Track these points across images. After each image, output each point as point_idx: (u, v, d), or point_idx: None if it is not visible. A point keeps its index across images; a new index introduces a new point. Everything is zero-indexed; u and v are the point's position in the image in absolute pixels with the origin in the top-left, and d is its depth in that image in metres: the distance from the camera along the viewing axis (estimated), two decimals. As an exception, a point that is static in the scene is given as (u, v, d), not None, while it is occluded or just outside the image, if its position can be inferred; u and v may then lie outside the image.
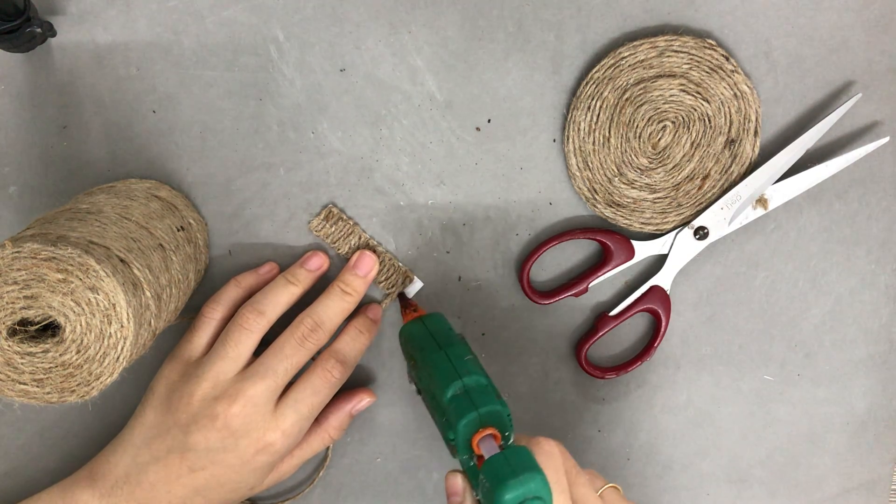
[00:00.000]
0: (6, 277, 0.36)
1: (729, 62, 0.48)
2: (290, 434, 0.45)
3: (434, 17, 0.49)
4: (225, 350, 0.45)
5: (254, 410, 0.44)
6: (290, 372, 0.45)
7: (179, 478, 0.44)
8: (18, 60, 0.48)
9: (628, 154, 0.49)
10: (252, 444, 0.44)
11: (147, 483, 0.44)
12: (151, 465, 0.44)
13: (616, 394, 0.52)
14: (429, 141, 0.50)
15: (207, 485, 0.45)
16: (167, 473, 0.44)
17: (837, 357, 0.53)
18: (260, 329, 0.46)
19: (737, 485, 0.53)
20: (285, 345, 0.45)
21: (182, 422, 0.44)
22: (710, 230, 0.50)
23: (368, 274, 0.49)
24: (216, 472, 0.44)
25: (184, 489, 0.45)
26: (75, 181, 0.49)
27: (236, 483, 0.45)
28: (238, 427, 0.44)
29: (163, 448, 0.44)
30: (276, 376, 0.44)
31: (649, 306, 0.50)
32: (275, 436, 0.44)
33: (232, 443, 0.44)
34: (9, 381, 0.37)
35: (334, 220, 0.50)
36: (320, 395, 0.46)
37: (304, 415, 0.45)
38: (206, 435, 0.43)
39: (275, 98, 0.49)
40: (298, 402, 0.45)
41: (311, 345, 0.46)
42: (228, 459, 0.44)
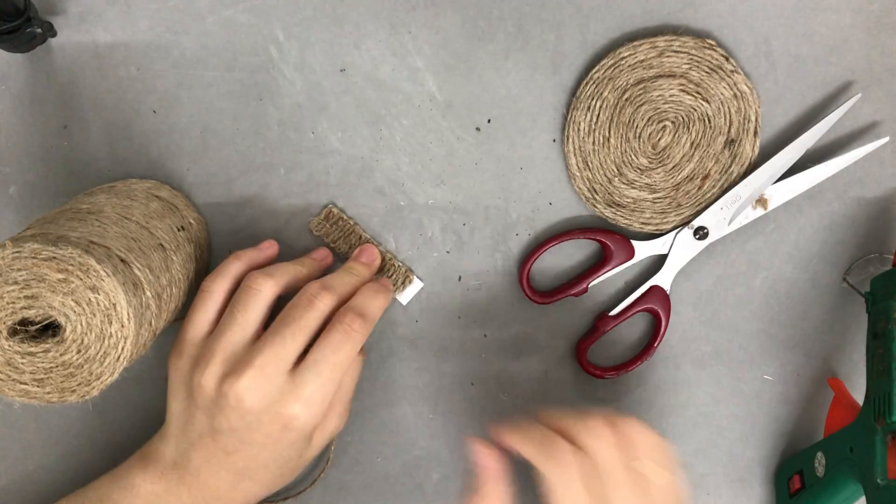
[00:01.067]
0: (7, 277, 0.36)
1: (729, 62, 0.48)
2: (312, 402, 0.42)
3: (434, 17, 0.49)
4: (233, 317, 0.43)
5: (266, 382, 0.41)
6: (298, 336, 0.42)
7: (220, 462, 0.43)
8: (18, 60, 0.48)
9: (628, 154, 0.49)
10: (275, 420, 0.41)
11: (193, 468, 0.44)
12: (191, 451, 0.43)
13: (616, 394, 0.52)
14: (429, 141, 0.50)
15: (248, 467, 0.43)
16: (207, 457, 0.43)
17: (838, 357, 0.53)
18: (269, 291, 0.43)
19: (737, 485, 0.53)
20: (292, 308, 0.43)
21: (203, 406, 0.42)
22: (709, 230, 0.50)
23: (372, 263, 0.49)
24: (251, 453, 0.43)
25: (228, 473, 0.43)
26: (75, 181, 0.49)
27: (279, 461, 0.44)
28: (253, 403, 0.41)
29: (195, 434, 0.43)
30: (284, 341, 0.41)
31: (649, 306, 0.50)
32: (296, 408, 0.41)
33: (254, 420, 0.41)
34: (9, 381, 0.37)
35: (334, 219, 0.50)
36: (341, 352, 0.42)
37: (325, 377, 0.42)
38: (227, 416, 0.41)
39: (275, 98, 0.49)
40: (318, 363, 0.42)
41: (320, 304, 0.43)
42: (257, 438, 0.42)
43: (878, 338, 0.46)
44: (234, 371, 0.41)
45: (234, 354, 0.42)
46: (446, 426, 0.52)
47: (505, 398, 0.52)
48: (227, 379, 0.41)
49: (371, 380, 0.52)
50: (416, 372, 0.52)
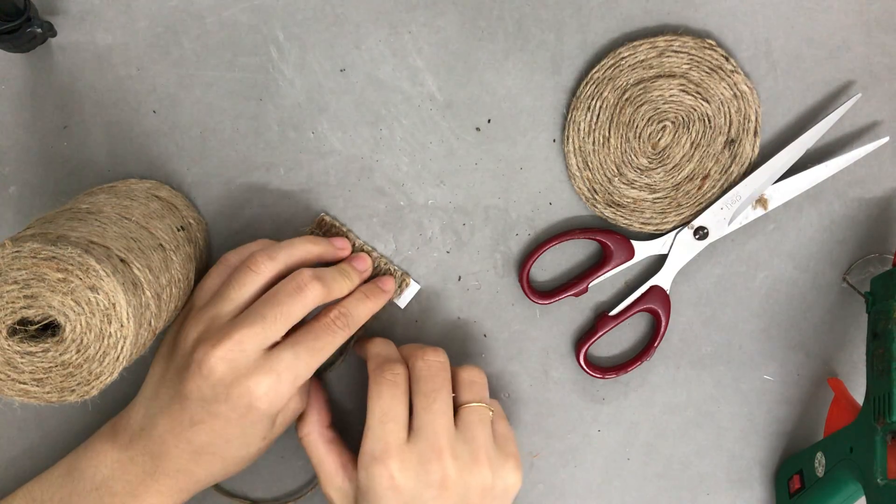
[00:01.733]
0: (6, 277, 0.36)
1: (729, 62, 0.48)
2: (282, 381, 0.42)
3: (434, 17, 0.49)
4: (227, 291, 0.44)
5: (240, 356, 0.41)
6: (279, 320, 0.42)
7: (184, 430, 0.43)
8: (18, 60, 0.48)
9: (628, 154, 0.49)
10: (243, 395, 0.42)
11: (157, 435, 0.43)
12: (159, 416, 0.43)
13: (616, 394, 0.52)
14: (429, 141, 0.50)
15: (211, 441, 0.43)
16: (172, 424, 0.43)
17: (838, 357, 0.53)
18: (267, 273, 0.44)
19: (737, 485, 0.53)
20: (279, 291, 0.43)
21: (179, 367, 0.43)
22: (709, 230, 0.50)
23: (364, 271, 0.49)
24: (216, 426, 0.43)
25: (189, 444, 0.43)
26: (75, 181, 0.49)
27: (242, 439, 0.44)
28: (223, 374, 0.41)
29: (166, 397, 0.44)
30: (265, 321, 0.42)
31: (649, 306, 0.50)
32: (266, 383, 0.42)
33: (222, 391, 0.41)
34: (9, 381, 0.37)
35: (327, 227, 0.50)
36: (321, 341, 0.44)
37: (301, 359, 0.43)
38: (197, 383, 0.42)
39: (275, 98, 0.49)
40: (297, 344, 0.43)
41: (308, 294, 0.43)
42: (223, 411, 0.42)
43: (878, 338, 0.46)
44: (211, 340, 0.42)
45: (216, 324, 0.43)
46: (446, 426, 0.52)
47: (505, 398, 0.52)
48: (202, 346, 0.42)
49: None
50: (415, 372, 0.52)
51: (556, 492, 0.53)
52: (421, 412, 0.43)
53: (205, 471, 0.45)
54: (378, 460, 0.42)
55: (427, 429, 0.43)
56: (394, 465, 0.42)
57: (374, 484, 0.42)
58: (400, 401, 0.44)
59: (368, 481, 0.42)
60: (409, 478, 0.42)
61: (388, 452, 0.42)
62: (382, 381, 0.44)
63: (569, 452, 0.52)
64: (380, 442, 0.43)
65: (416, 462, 0.42)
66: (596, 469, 0.53)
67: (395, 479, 0.42)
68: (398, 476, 0.42)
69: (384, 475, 0.42)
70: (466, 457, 0.43)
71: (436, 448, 0.43)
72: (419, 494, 0.42)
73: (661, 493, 0.53)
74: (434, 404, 0.44)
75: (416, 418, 0.44)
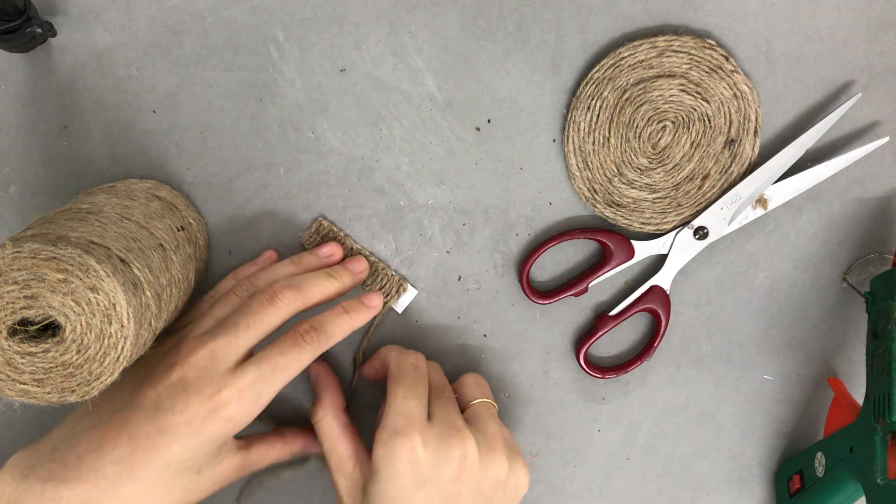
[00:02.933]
0: (6, 277, 0.36)
1: (729, 62, 0.48)
2: (246, 396, 0.41)
3: (434, 17, 0.49)
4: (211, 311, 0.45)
5: (212, 364, 0.41)
6: (252, 329, 0.42)
7: (114, 449, 0.39)
8: (18, 60, 0.48)
9: (628, 154, 0.49)
10: (204, 404, 0.40)
11: (74, 456, 0.39)
12: (86, 434, 0.40)
13: (616, 394, 0.52)
14: (429, 141, 0.50)
15: (145, 462, 0.39)
16: (101, 443, 0.39)
17: (838, 357, 0.53)
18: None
19: (737, 485, 0.53)
20: (253, 301, 0.43)
21: (138, 377, 0.42)
22: (709, 230, 0.50)
23: (358, 274, 0.49)
24: (159, 442, 0.39)
25: (115, 466, 0.39)
26: (75, 181, 0.49)
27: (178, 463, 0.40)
28: (192, 380, 0.40)
29: (107, 411, 0.41)
30: (238, 330, 0.42)
31: (649, 306, 0.50)
32: (229, 394, 0.40)
33: (182, 401, 0.40)
34: (9, 381, 0.37)
35: (325, 232, 0.50)
36: (286, 356, 0.42)
37: (264, 374, 0.41)
38: (157, 389, 0.40)
39: (275, 98, 0.49)
40: (262, 359, 0.42)
41: (281, 304, 0.43)
42: (175, 424, 0.40)
43: (878, 338, 0.46)
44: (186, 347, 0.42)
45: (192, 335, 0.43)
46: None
47: (505, 398, 0.52)
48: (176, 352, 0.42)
49: (371, 380, 0.52)
50: (416, 372, 0.52)
51: (556, 492, 0.53)
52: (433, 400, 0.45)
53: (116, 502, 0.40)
54: (401, 433, 0.41)
55: (445, 413, 0.44)
56: (417, 439, 0.41)
57: (394, 459, 0.41)
58: (423, 384, 0.45)
59: (388, 456, 0.41)
60: (430, 454, 0.41)
61: (412, 425, 0.42)
62: (406, 365, 0.45)
63: (569, 452, 0.53)
64: (403, 416, 0.42)
65: (436, 439, 0.42)
66: (596, 469, 0.53)
67: (417, 452, 0.41)
68: (420, 450, 0.41)
69: (406, 448, 0.41)
70: (484, 445, 0.43)
71: (456, 428, 0.43)
72: (437, 474, 0.41)
73: (661, 493, 0.53)
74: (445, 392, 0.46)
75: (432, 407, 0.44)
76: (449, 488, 0.42)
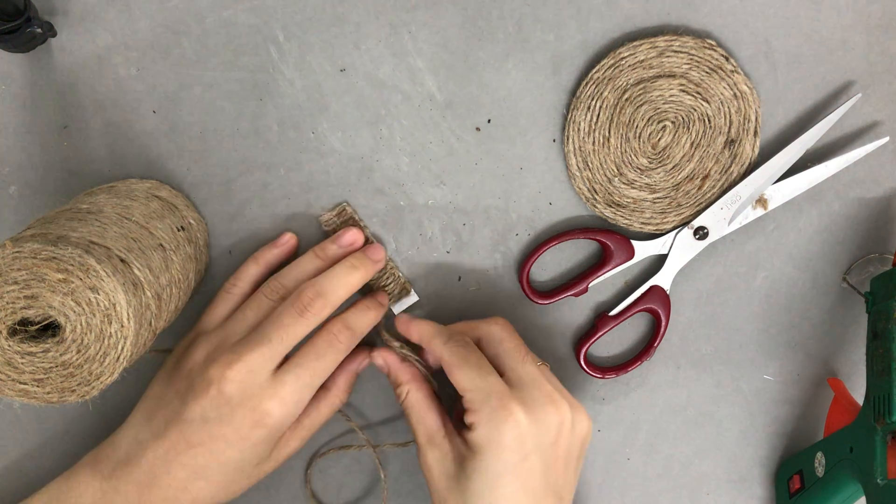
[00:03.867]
0: (7, 277, 0.36)
1: (729, 62, 0.48)
2: (288, 402, 0.43)
3: (434, 17, 0.49)
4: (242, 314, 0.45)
5: (249, 377, 0.42)
6: (285, 341, 0.43)
7: (178, 455, 0.43)
8: (18, 60, 0.48)
9: (628, 154, 0.49)
10: (248, 415, 0.42)
11: (146, 463, 0.43)
12: (151, 442, 0.43)
13: (616, 394, 0.52)
14: (429, 141, 0.50)
15: (207, 464, 0.43)
16: (166, 451, 0.43)
17: (838, 357, 0.53)
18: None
19: (737, 485, 0.53)
20: (283, 313, 0.44)
21: (181, 390, 0.43)
22: (709, 230, 0.50)
23: (378, 262, 0.48)
24: (214, 448, 0.42)
25: (183, 469, 0.43)
26: (75, 181, 0.49)
27: (238, 462, 0.44)
28: (232, 394, 0.42)
29: (161, 422, 0.43)
30: (272, 344, 0.43)
31: (649, 306, 0.50)
32: (272, 405, 0.42)
33: (227, 412, 0.42)
34: (9, 381, 0.37)
35: (346, 217, 0.50)
36: (324, 360, 0.44)
37: (304, 381, 0.43)
38: (201, 403, 0.42)
39: (275, 98, 0.49)
40: (299, 366, 0.43)
41: (311, 315, 0.44)
42: (225, 433, 0.42)
43: (878, 338, 0.46)
44: (223, 359, 0.42)
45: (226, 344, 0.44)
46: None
47: (505, 398, 0.52)
48: (214, 366, 0.42)
49: (372, 380, 0.52)
50: (416, 372, 0.52)
51: (556, 492, 0.53)
52: (517, 367, 0.43)
53: (193, 499, 0.44)
54: (501, 408, 0.41)
55: (530, 377, 0.43)
56: (519, 413, 0.41)
57: (500, 436, 0.41)
58: (485, 360, 0.44)
59: (493, 434, 0.41)
60: (531, 424, 0.41)
61: (506, 400, 0.41)
62: (460, 347, 0.44)
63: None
64: (491, 394, 0.42)
65: (533, 407, 0.41)
66: (596, 469, 0.53)
67: (521, 426, 0.41)
68: (524, 423, 0.41)
69: (510, 423, 0.40)
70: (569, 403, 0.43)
71: (546, 392, 0.42)
72: (539, 442, 0.41)
73: (661, 493, 0.53)
74: (528, 356, 0.44)
75: (512, 373, 0.43)
76: (549, 454, 0.42)
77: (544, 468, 0.41)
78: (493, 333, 0.45)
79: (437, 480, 0.43)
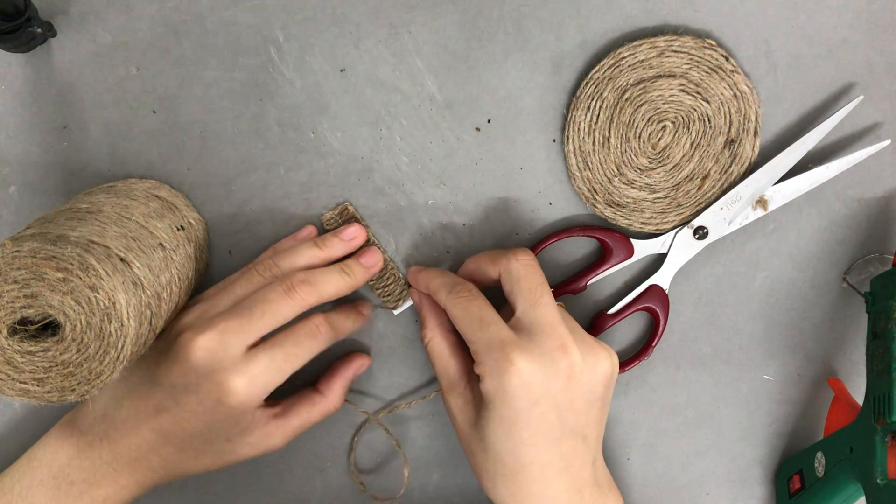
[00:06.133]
0: (6, 276, 0.36)
1: (729, 62, 0.48)
2: (256, 383, 0.42)
3: (434, 17, 0.49)
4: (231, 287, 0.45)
5: (220, 347, 0.41)
6: (266, 318, 0.42)
7: (147, 417, 0.43)
8: (18, 60, 0.48)
9: (628, 154, 0.49)
10: (214, 388, 0.41)
11: (119, 419, 0.43)
12: (125, 400, 0.43)
13: (616, 393, 0.52)
14: (429, 141, 0.50)
15: (173, 431, 0.43)
16: (136, 410, 0.43)
17: (838, 357, 0.53)
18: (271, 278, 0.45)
19: (737, 485, 0.53)
20: (270, 290, 0.43)
21: (158, 351, 0.43)
22: (709, 230, 0.50)
23: (372, 268, 0.49)
24: (180, 416, 0.42)
25: (151, 432, 0.43)
26: (75, 181, 0.49)
27: (205, 434, 0.43)
28: (200, 362, 0.41)
29: (136, 380, 0.43)
30: (252, 317, 0.42)
31: (648, 305, 0.50)
32: (239, 382, 0.41)
33: (194, 381, 0.41)
34: (9, 381, 0.37)
35: (347, 217, 0.50)
36: (301, 347, 0.44)
37: (277, 364, 0.42)
38: (170, 368, 0.42)
39: (275, 98, 0.49)
40: (275, 347, 0.43)
41: (298, 297, 0.43)
42: (190, 402, 0.42)
43: (878, 338, 0.46)
44: (197, 327, 0.42)
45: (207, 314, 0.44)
46: (446, 426, 0.52)
47: (505, 398, 0.52)
48: (187, 332, 0.42)
49: (372, 380, 0.52)
50: (416, 371, 0.52)
51: (556, 492, 0.53)
52: (529, 309, 0.43)
53: (163, 462, 0.44)
54: (503, 358, 0.41)
55: (541, 322, 0.42)
56: (519, 360, 0.40)
57: (505, 386, 0.41)
58: (488, 308, 0.44)
59: (498, 387, 0.41)
60: (537, 370, 0.41)
61: (508, 349, 0.41)
62: (461, 299, 0.44)
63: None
64: (493, 345, 0.41)
65: (539, 354, 0.41)
66: (596, 469, 0.53)
67: (525, 374, 0.40)
68: (527, 371, 0.40)
69: (512, 372, 0.40)
70: (583, 345, 0.43)
71: (557, 336, 0.42)
72: (548, 388, 0.41)
73: (661, 493, 0.53)
74: (542, 298, 0.43)
75: (524, 316, 0.43)
76: (561, 398, 0.41)
77: (558, 412, 0.41)
78: (512, 270, 0.44)
79: (461, 426, 0.44)
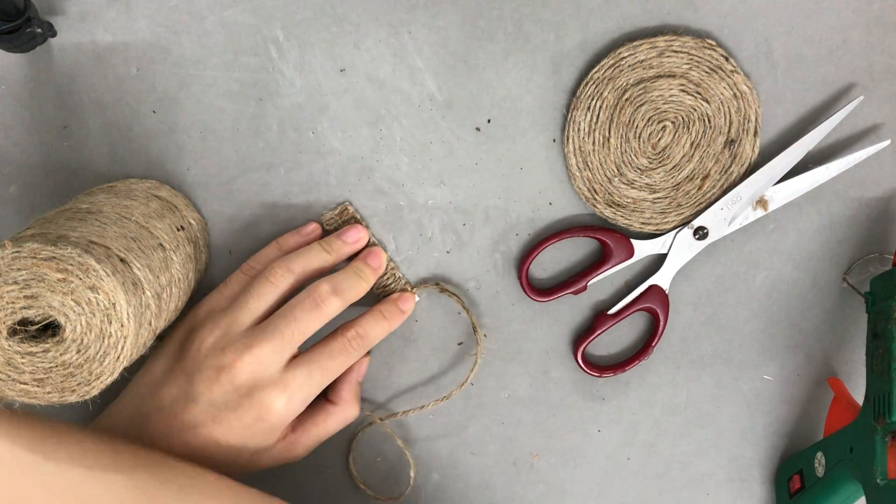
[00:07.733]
0: (6, 277, 0.36)
1: (729, 62, 0.48)
2: (294, 398, 0.43)
3: (434, 17, 0.49)
4: (246, 300, 0.45)
5: (260, 369, 0.43)
6: (296, 336, 0.44)
7: (180, 432, 0.43)
8: (18, 60, 0.48)
9: (628, 154, 0.49)
10: (254, 406, 0.43)
11: (147, 435, 0.43)
12: (153, 416, 0.43)
13: (616, 393, 0.52)
14: (429, 141, 0.50)
15: (206, 445, 0.43)
16: (168, 426, 0.43)
17: (838, 357, 0.53)
18: (285, 285, 0.45)
19: (737, 485, 0.53)
20: (296, 307, 0.44)
21: (188, 370, 0.43)
22: (709, 230, 0.50)
23: (379, 268, 0.49)
24: (216, 431, 0.43)
25: (182, 446, 0.43)
26: (75, 181, 0.49)
27: (237, 449, 0.44)
28: (243, 382, 0.43)
29: (167, 397, 0.44)
30: (283, 338, 0.43)
31: (648, 305, 0.50)
32: (279, 399, 0.43)
33: (234, 400, 0.43)
34: (9, 381, 0.37)
35: (347, 217, 0.50)
36: (335, 361, 0.45)
37: (314, 378, 0.44)
38: (211, 386, 0.43)
39: (275, 98, 0.49)
40: (312, 363, 0.44)
41: (325, 310, 0.45)
42: (229, 419, 0.43)
43: (878, 338, 0.46)
44: (236, 349, 0.43)
45: (234, 334, 0.44)
46: (446, 426, 0.52)
47: (505, 398, 0.52)
48: (226, 353, 0.43)
49: (371, 379, 0.52)
50: (415, 371, 0.52)
51: (556, 492, 0.53)
52: None
53: None
54: None
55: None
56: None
57: None
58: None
59: None
60: None
61: None
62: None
63: (569, 452, 0.53)
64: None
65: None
66: (596, 469, 0.53)
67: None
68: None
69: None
70: None
71: None
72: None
73: (661, 493, 0.53)
74: None
75: None
76: None
77: None
78: None
79: None
